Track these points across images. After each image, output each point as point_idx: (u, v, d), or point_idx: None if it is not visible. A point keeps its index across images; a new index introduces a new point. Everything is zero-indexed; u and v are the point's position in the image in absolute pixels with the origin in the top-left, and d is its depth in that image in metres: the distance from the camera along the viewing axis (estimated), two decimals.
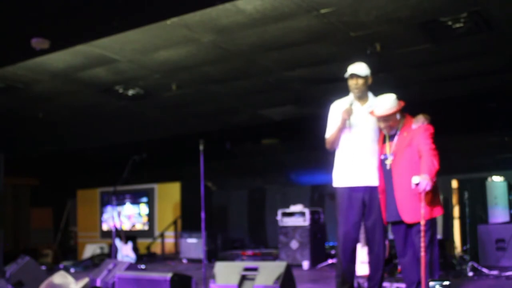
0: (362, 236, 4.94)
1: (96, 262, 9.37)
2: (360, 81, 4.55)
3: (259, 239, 12.04)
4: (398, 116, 4.42)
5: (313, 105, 8.62)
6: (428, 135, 4.31)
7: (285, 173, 12.14)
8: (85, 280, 5.37)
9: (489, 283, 5.81)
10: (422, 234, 4.12)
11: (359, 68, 4.57)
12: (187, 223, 10.94)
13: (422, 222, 4.13)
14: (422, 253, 4.10)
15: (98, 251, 10.93)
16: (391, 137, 4.47)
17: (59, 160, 12.74)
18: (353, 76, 4.56)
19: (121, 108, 8.89)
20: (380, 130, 4.58)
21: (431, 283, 4.06)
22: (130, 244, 9.52)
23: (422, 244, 4.11)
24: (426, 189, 4.09)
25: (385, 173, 4.44)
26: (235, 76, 7.44)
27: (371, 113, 4.46)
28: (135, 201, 12.24)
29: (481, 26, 5.62)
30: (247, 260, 8.95)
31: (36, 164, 13.07)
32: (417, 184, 4.10)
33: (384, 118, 4.38)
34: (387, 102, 4.35)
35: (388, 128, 4.43)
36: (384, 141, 4.51)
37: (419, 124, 4.36)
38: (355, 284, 4.84)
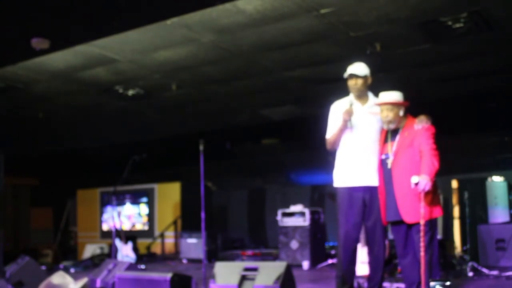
0: (362, 236, 4.94)
1: (96, 262, 9.37)
2: (360, 81, 4.56)
3: (259, 239, 12.04)
4: (401, 113, 4.42)
5: (313, 105, 8.62)
6: (430, 135, 4.31)
7: (285, 173, 12.15)
8: (84, 280, 5.36)
9: (489, 283, 5.81)
10: (422, 234, 4.12)
11: (358, 68, 4.57)
12: (187, 223, 10.94)
13: (422, 222, 4.14)
14: (422, 253, 4.10)
15: (98, 251, 10.93)
16: (393, 137, 4.47)
17: (59, 160, 12.74)
18: (352, 76, 4.56)
19: (121, 108, 8.89)
20: (380, 130, 4.59)
21: (432, 283, 4.06)
22: (130, 244, 9.52)
23: (422, 244, 4.11)
24: (425, 189, 4.10)
25: (386, 173, 4.44)
26: (235, 76, 7.44)
27: (377, 104, 4.47)
28: (135, 201, 12.24)
29: (481, 26, 5.62)
30: (247, 260, 8.95)
31: (36, 164, 13.07)
32: (416, 184, 4.11)
33: (389, 107, 4.38)
34: (394, 93, 4.42)
35: (390, 122, 4.41)
36: (385, 141, 4.52)
37: (422, 125, 4.36)
38: (355, 284, 4.84)
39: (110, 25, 5.50)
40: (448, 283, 4.05)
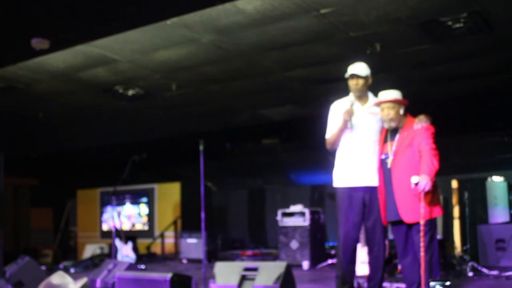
0: (362, 236, 4.94)
1: (96, 262, 9.36)
2: (361, 81, 4.56)
3: (259, 239, 12.03)
4: (401, 111, 4.43)
5: (313, 105, 8.62)
6: (429, 135, 4.32)
7: (285, 173, 12.14)
8: (84, 280, 5.37)
9: (489, 283, 5.81)
10: (422, 234, 4.12)
11: (360, 68, 4.57)
12: (187, 223, 10.94)
13: (422, 222, 4.14)
14: (422, 253, 4.11)
15: (98, 251, 10.92)
16: (392, 137, 4.47)
17: (59, 160, 12.73)
18: (353, 76, 4.57)
19: (121, 108, 8.89)
20: (380, 130, 4.59)
21: (432, 283, 4.06)
22: (130, 244, 9.52)
23: (422, 244, 4.11)
24: (425, 189, 4.10)
25: (386, 172, 4.44)
26: (235, 76, 7.44)
27: (376, 103, 4.48)
28: (135, 201, 12.24)
29: (481, 26, 5.62)
30: (247, 260, 8.95)
31: (36, 164, 13.07)
32: (416, 184, 4.11)
33: (390, 105, 4.38)
34: (393, 92, 4.44)
35: (391, 120, 4.41)
36: (385, 141, 4.52)
37: (421, 124, 4.36)
38: (355, 284, 4.84)
39: (110, 25, 5.50)
40: (448, 283, 4.05)
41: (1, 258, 6.96)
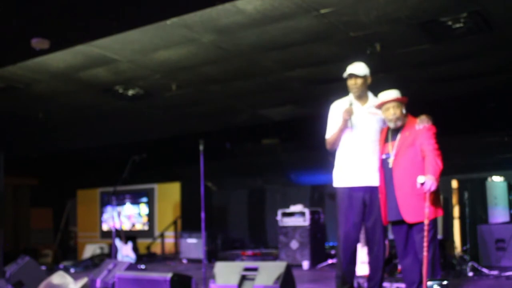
0: (362, 236, 4.94)
1: (96, 262, 9.37)
2: (359, 81, 4.56)
3: (259, 239, 12.04)
4: (404, 110, 4.43)
5: (313, 105, 8.62)
6: (431, 135, 4.32)
7: (285, 173, 12.14)
8: (84, 280, 5.37)
9: (489, 283, 5.81)
10: (426, 233, 4.12)
11: (358, 68, 4.58)
12: (187, 223, 10.95)
13: (426, 222, 4.13)
14: (425, 253, 4.10)
15: (98, 251, 10.92)
16: (393, 137, 4.47)
17: (59, 160, 12.74)
18: (351, 76, 4.57)
19: (121, 108, 8.89)
20: (380, 130, 4.59)
21: (429, 283, 4.06)
22: (130, 244, 9.52)
23: (425, 244, 4.11)
24: (431, 189, 4.10)
25: (386, 172, 4.44)
26: (235, 76, 7.44)
27: (378, 105, 4.47)
28: (135, 201, 12.24)
29: (481, 26, 5.62)
30: (247, 260, 8.95)
31: (36, 164, 13.07)
32: (422, 184, 4.10)
33: (395, 104, 4.38)
34: (394, 91, 4.44)
35: (398, 119, 4.41)
36: (386, 141, 4.52)
37: (423, 124, 4.36)
38: (355, 284, 4.85)
39: (110, 25, 5.50)
40: (445, 282, 4.05)
41: (1, 258, 6.96)
